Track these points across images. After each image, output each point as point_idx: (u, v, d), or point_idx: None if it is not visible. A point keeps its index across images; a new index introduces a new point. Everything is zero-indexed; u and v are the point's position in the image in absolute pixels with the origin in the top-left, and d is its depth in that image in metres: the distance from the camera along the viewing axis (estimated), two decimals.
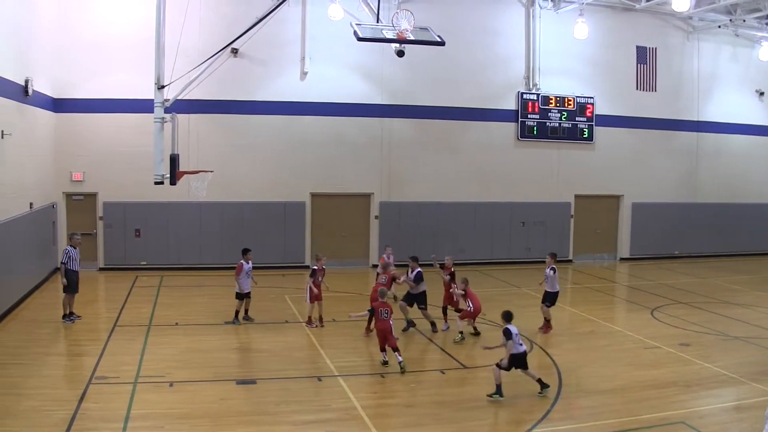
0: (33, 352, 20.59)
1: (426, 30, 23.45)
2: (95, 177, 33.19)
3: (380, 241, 36.01)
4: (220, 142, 34.07)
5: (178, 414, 16.00)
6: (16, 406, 16.08)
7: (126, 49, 32.33)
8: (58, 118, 32.53)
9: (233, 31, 25.80)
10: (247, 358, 20.47)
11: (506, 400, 17.46)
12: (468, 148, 37.37)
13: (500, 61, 37.68)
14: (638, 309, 28.12)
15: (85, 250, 30.50)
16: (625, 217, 40.38)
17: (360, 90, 35.86)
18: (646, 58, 39.67)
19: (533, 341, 22.41)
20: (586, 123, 38.65)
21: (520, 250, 37.89)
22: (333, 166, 35.58)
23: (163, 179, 23.57)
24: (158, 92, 23.66)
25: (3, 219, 24.07)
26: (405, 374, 18.99)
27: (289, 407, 16.68)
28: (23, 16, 27.19)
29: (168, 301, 27.78)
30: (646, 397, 17.44)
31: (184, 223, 33.92)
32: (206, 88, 28.21)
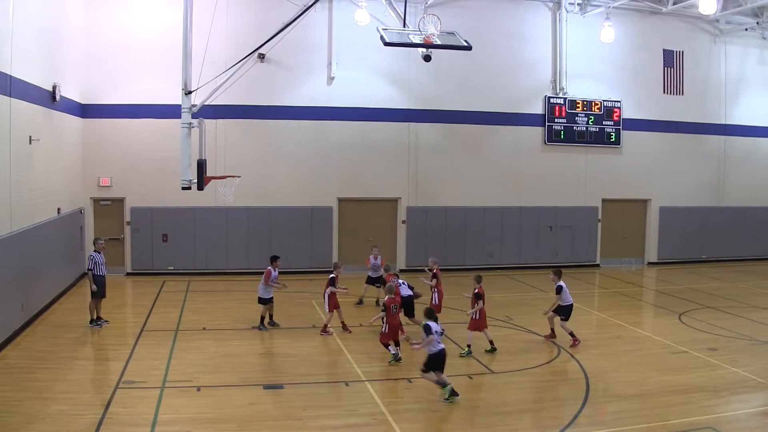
0: (60, 357, 20.69)
1: (453, 34, 23.41)
2: (123, 182, 33.34)
3: (408, 246, 36.09)
4: (247, 147, 34.15)
5: (206, 419, 16.06)
6: (44, 410, 16.16)
7: (153, 54, 32.50)
8: (86, 123, 32.70)
9: (260, 36, 25.80)
10: (274, 363, 20.49)
11: (532, 405, 17.49)
12: (495, 152, 37.29)
13: (527, 66, 37.59)
14: (666, 313, 27.98)
15: (112, 255, 30.78)
16: (653, 221, 40.16)
17: (387, 95, 35.84)
18: (672, 62, 39.49)
19: (561, 346, 22.32)
20: (613, 127, 38.49)
21: (548, 255, 37.76)
22: (360, 170, 35.62)
23: (191, 184, 23.60)
24: (185, 98, 23.69)
25: (31, 224, 24.19)
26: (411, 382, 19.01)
27: (317, 412, 16.70)
28: (51, 23, 27.33)
29: (195, 306, 27.86)
30: (674, 402, 17.37)
31: (211, 228, 33.99)
32: (233, 93, 28.22)
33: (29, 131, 23.90)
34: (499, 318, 26.22)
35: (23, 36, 23.01)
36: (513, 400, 17.83)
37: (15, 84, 22.23)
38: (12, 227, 22.03)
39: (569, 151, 38.24)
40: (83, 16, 32.25)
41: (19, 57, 22.54)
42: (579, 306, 27.85)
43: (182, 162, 23.65)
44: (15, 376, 18.70)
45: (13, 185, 22.21)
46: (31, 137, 24.03)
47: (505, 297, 29.57)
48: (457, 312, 25.69)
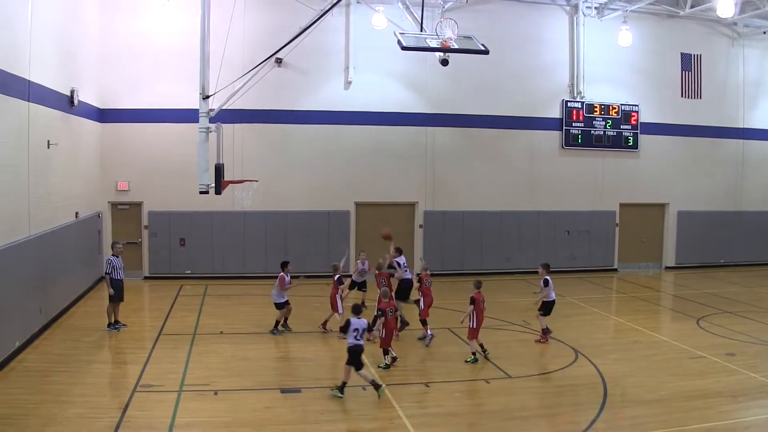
0: (78, 360, 20.78)
1: (470, 38, 23.37)
2: (140, 186, 33.46)
3: (425, 250, 35.98)
4: (265, 151, 34.22)
5: (223, 422, 16.11)
6: (62, 413, 16.24)
7: (170, 59, 32.63)
8: (104, 128, 32.83)
9: (277, 40, 25.79)
10: (291, 367, 20.51)
11: (549, 409, 17.48)
12: (512, 156, 37.26)
13: (544, 70, 37.55)
14: (683, 318, 27.88)
15: (130, 259, 30.91)
16: (671, 226, 40.02)
17: (404, 99, 35.84)
18: (690, 65, 39.37)
19: (579, 351, 22.27)
20: (630, 131, 38.40)
21: (565, 259, 37.67)
22: (377, 175, 35.61)
23: (208, 189, 23.60)
24: (203, 102, 23.70)
25: (50, 228, 24.30)
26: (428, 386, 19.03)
27: (333, 416, 16.74)
28: (69, 28, 27.45)
29: (212, 310, 27.91)
30: (692, 408, 17.34)
31: (229, 232, 34.04)
32: (251, 97, 28.30)
33: (47, 136, 24.01)
34: (516, 323, 26.21)
35: (41, 41, 23.14)
36: (530, 404, 17.84)
37: (33, 89, 22.33)
38: (30, 231, 22.14)
39: (587, 156, 38.15)
40: (100, 21, 32.38)
41: (38, 62, 22.65)
42: (597, 311, 28.08)
43: (200, 166, 23.66)
44: (33, 379, 18.78)
45: (32, 189, 22.31)
46: (50, 141, 24.13)
47: (522, 301, 29.51)
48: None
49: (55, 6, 25.29)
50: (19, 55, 21.28)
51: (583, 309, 28.48)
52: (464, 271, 33.15)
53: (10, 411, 16.35)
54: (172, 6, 32.18)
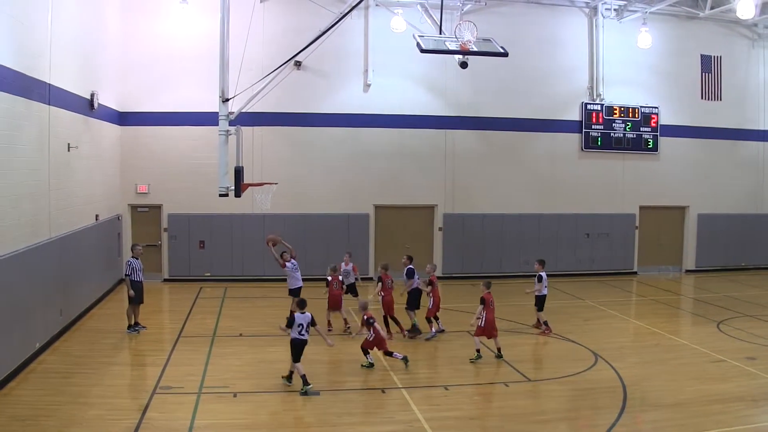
0: (98, 362, 20.87)
1: (489, 41, 23.42)
2: (160, 189, 33.58)
3: (444, 253, 35.99)
4: (284, 154, 34.28)
5: (242, 424, 16.17)
6: (82, 414, 16.32)
7: (190, 62, 32.77)
8: (124, 131, 32.97)
9: (296, 43, 25.85)
10: (310, 369, 20.46)
11: (569, 413, 17.50)
12: (532, 159, 37.20)
13: (564, 72, 37.47)
14: (704, 322, 27.75)
15: (149, 261, 31.07)
16: (691, 229, 39.84)
17: (423, 101, 35.84)
18: (710, 67, 39.21)
19: (598, 354, 22.20)
20: (650, 133, 38.28)
21: (585, 262, 37.60)
22: (397, 177, 35.61)
23: (228, 191, 23.67)
24: (223, 105, 23.78)
25: (70, 230, 24.41)
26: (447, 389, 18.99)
27: (353, 419, 16.75)
28: (89, 32, 27.56)
29: (232, 312, 27.96)
30: (712, 412, 17.24)
31: (248, 234, 34.03)
32: (270, 100, 28.35)
33: (68, 139, 24.13)
34: (536, 326, 26.14)
35: (61, 45, 23.24)
36: (550, 408, 17.80)
37: (54, 92, 22.44)
38: (51, 234, 22.23)
39: (606, 158, 38.05)
40: (120, 25, 32.52)
41: (58, 66, 22.75)
42: (616, 314, 28.03)
43: (220, 169, 23.73)
44: (53, 381, 18.87)
45: (52, 192, 22.41)
46: (70, 145, 24.24)
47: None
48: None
49: (75, 10, 25.39)
50: (40, 59, 21.38)
51: (603, 312, 28.41)
52: (483, 273, 33.03)
53: (30, 412, 16.44)
54: (191, 9, 32.26)
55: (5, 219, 18.50)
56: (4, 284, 18.19)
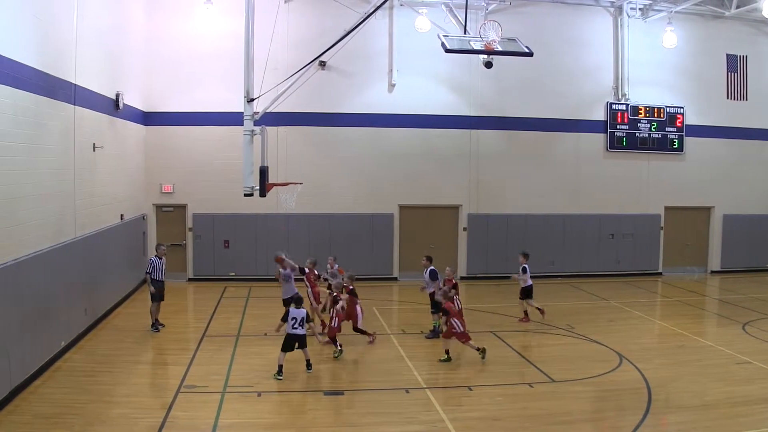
0: (123, 361, 20.97)
1: (514, 41, 23.38)
2: (185, 189, 33.71)
3: (468, 254, 35.95)
4: (309, 154, 34.32)
5: (266, 424, 16.22)
6: (106, 412, 16.42)
7: (215, 62, 32.86)
8: (149, 130, 33.12)
9: (321, 44, 25.83)
10: (334, 369, 20.50)
11: (593, 414, 17.47)
12: (556, 159, 37.11)
13: (588, 71, 37.33)
14: (729, 323, 27.57)
15: (174, 261, 31.33)
16: (716, 229, 39.60)
17: (448, 101, 35.79)
18: (736, 67, 38.98)
19: (623, 355, 22.12)
20: (676, 133, 38.11)
21: (609, 263, 37.48)
22: (421, 177, 35.57)
23: (253, 191, 23.69)
24: (248, 105, 23.81)
25: (95, 230, 24.54)
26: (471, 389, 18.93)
27: (377, 419, 16.72)
28: (114, 32, 27.67)
29: (256, 311, 28.02)
30: (737, 414, 17.15)
31: (272, 234, 34.07)
32: (295, 100, 28.34)
33: (93, 139, 24.26)
34: (561, 326, 26.08)
35: (87, 45, 23.35)
36: (574, 409, 17.73)
37: (79, 92, 22.55)
38: (76, 233, 22.35)
39: (631, 158, 37.90)
40: (145, 25, 32.66)
41: (83, 66, 22.87)
42: (641, 315, 27.89)
43: (245, 169, 23.75)
44: (78, 379, 18.97)
45: (78, 192, 22.53)
46: (95, 144, 24.36)
47: (566, 305, 29.40)
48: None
49: (101, 10, 25.50)
50: (65, 60, 21.49)
51: (628, 313, 28.30)
52: (508, 274, 32.97)
53: (56, 410, 16.54)
54: (216, 10, 32.32)
55: (31, 219, 18.61)
56: (30, 283, 18.29)
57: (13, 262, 17.24)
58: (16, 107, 17.63)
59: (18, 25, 18.01)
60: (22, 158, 18.09)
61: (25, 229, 18.24)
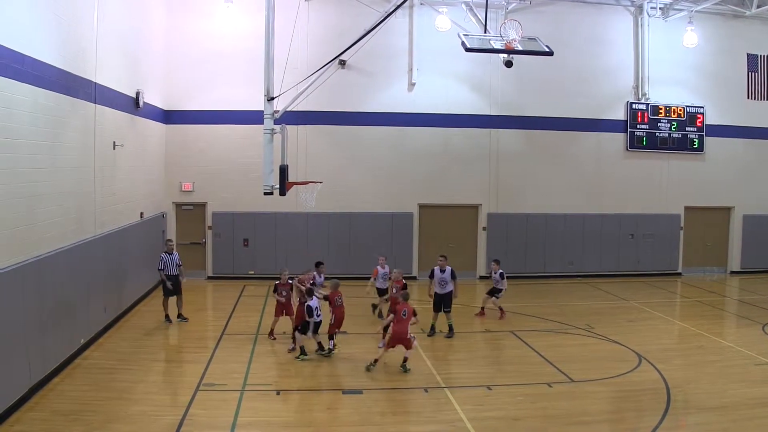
0: (142, 358, 21.08)
1: (534, 40, 23.33)
2: (205, 187, 33.79)
3: (488, 253, 35.86)
4: (329, 153, 34.35)
5: (285, 422, 16.26)
6: (126, 410, 16.49)
7: (235, 61, 32.91)
8: (169, 129, 33.21)
9: (341, 43, 25.81)
10: (353, 368, 20.51)
11: (612, 415, 17.44)
12: (576, 158, 37.03)
13: (609, 71, 37.24)
14: (749, 324, 27.46)
15: (193, 258, 31.69)
16: (736, 230, 39.45)
17: (468, 100, 35.77)
18: (757, 66, 38.82)
19: (642, 356, 22.06)
20: (696, 133, 37.98)
21: (629, 263, 37.38)
22: (441, 177, 35.56)
23: (273, 190, 23.72)
24: (268, 104, 23.86)
25: (115, 228, 24.62)
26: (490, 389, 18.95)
27: (395, 418, 16.77)
28: (134, 30, 27.77)
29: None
30: (756, 416, 17.09)
31: (292, 233, 34.15)
32: (315, 99, 28.43)
33: (113, 137, 24.33)
34: (580, 326, 26.04)
35: (107, 44, 23.44)
36: (593, 409, 17.70)
37: (99, 91, 22.63)
38: (96, 231, 22.44)
39: (651, 158, 37.81)
40: (165, 23, 32.77)
41: (104, 64, 22.95)
42: (661, 315, 27.88)
43: (265, 168, 23.79)
44: (97, 377, 19.05)
45: (98, 190, 22.62)
46: (115, 143, 24.44)
47: (585, 305, 29.34)
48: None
49: (121, 9, 25.58)
50: (86, 58, 21.56)
51: (648, 313, 28.21)
52: (527, 273, 32.97)
53: (75, 407, 16.61)
54: (236, 8, 32.42)
55: (51, 216, 18.69)
56: (50, 281, 18.37)
57: (34, 260, 17.33)
58: (36, 105, 17.71)
59: (39, 24, 18.09)
60: (42, 156, 18.17)
61: (46, 227, 18.32)
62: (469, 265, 35.75)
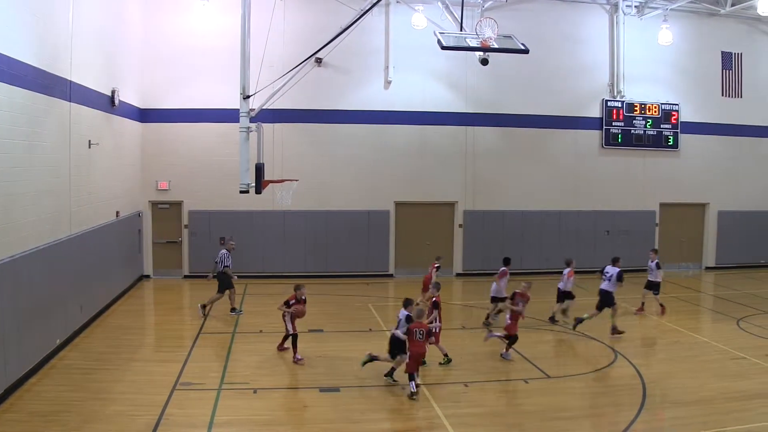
0: (119, 358, 21.03)
1: (510, 38, 23.38)
2: (181, 186, 33.73)
3: (464, 250, 36.00)
4: (305, 151, 34.34)
5: (262, 421, 16.26)
6: (103, 410, 16.47)
7: (211, 59, 32.87)
8: (145, 127, 33.13)
9: (318, 40, 25.84)
10: (331, 366, 20.53)
11: (589, 410, 17.60)
12: (552, 156, 37.20)
13: (584, 69, 37.42)
14: (724, 319, 27.71)
15: (170, 257, 31.61)
16: (711, 226, 39.74)
17: (444, 98, 35.86)
18: (731, 64, 39.07)
19: (618, 351, 22.19)
20: (671, 130, 38.19)
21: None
22: (417, 174, 35.65)
23: (249, 188, 23.70)
24: (244, 102, 23.80)
25: (91, 227, 24.53)
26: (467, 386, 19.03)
27: (373, 415, 16.82)
28: (110, 28, 27.68)
29: (253, 308, 28.01)
30: (732, 409, 17.27)
31: (269, 231, 34.14)
32: (291, 97, 28.44)
33: (89, 136, 24.24)
34: (556, 322, 26.19)
35: (83, 42, 23.35)
36: (570, 405, 17.83)
37: (75, 89, 22.56)
38: (72, 230, 22.36)
39: (627, 155, 37.99)
40: (142, 22, 32.69)
41: (79, 62, 22.86)
42: (636, 311, 27.70)
43: (241, 166, 23.74)
44: (74, 377, 19.02)
45: (73, 189, 22.53)
46: (91, 141, 24.35)
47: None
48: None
49: (97, 7, 25.49)
50: (62, 56, 21.50)
51: (623, 309, 28.30)
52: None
53: (52, 408, 16.58)
54: (213, 6, 32.40)
55: (26, 216, 18.62)
56: (25, 281, 18.32)
57: (9, 260, 17.26)
58: (11, 104, 17.65)
59: (14, 23, 18.02)
60: (17, 155, 18.10)
61: (21, 226, 18.25)
62: (446, 263, 35.75)
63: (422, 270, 27.91)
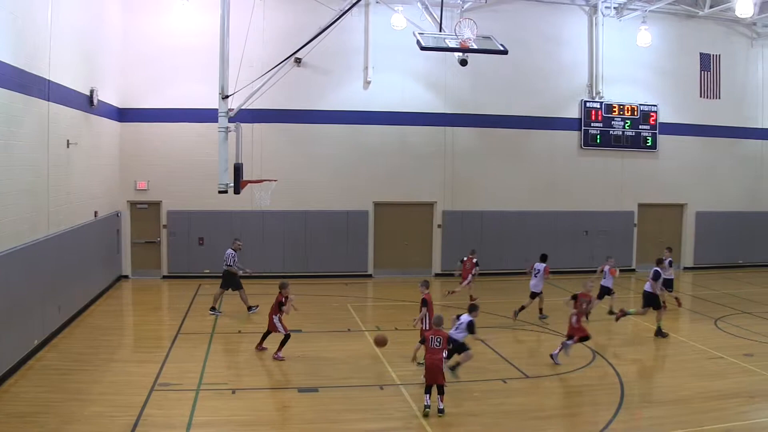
0: (97, 359, 20.95)
1: (489, 39, 23.40)
2: (159, 186, 33.63)
3: (443, 250, 36.04)
4: (284, 151, 34.30)
5: (241, 421, 16.22)
6: (81, 411, 16.39)
7: (190, 59, 32.81)
8: (123, 127, 33.01)
9: (297, 40, 25.87)
10: (309, 366, 20.51)
11: (568, 410, 17.65)
12: (532, 156, 37.28)
13: (563, 70, 37.54)
14: (701, 319, 27.87)
15: (148, 257, 31.51)
16: (689, 226, 39.91)
17: (423, 99, 35.90)
18: (709, 65, 39.26)
19: (596, 351, 22.25)
20: (649, 131, 38.34)
21: (584, 259, 37.56)
22: (396, 174, 35.67)
23: (228, 188, 23.69)
24: (222, 102, 23.78)
25: (69, 227, 24.45)
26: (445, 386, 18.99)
27: (352, 415, 16.79)
28: (89, 28, 27.58)
29: (231, 309, 27.91)
30: (710, 409, 17.33)
31: (248, 231, 33.93)
32: (270, 97, 28.34)
33: (67, 135, 24.14)
34: (534, 323, 26.24)
35: (61, 41, 23.27)
36: (548, 405, 17.88)
37: (53, 88, 22.47)
38: (50, 230, 22.26)
39: (605, 156, 38.12)
40: (121, 21, 32.60)
41: (57, 62, 22.77)
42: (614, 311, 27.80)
43: (219, 166, 23.73)
44: (52, 378, 18.93)
45: (51, 189, 22.44)
46: (69, 141, 24.26)
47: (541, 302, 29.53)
48: (492, 316, 25.76)
49: (76, 6, 25.41)
50: (39, 55, 21.40)
51: (601, 309, 28.33)
52: (482, 270, 32.90)
53: (29, 409, 16.50)
54: (192, 6, 32.32)
55: (4, 215, 18.53)
56: (2, 281, 18.23)
57: None
58: None
59: None
60: None
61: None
62: (425, 262, 35.90)
63: (401, 270, 27.84)
